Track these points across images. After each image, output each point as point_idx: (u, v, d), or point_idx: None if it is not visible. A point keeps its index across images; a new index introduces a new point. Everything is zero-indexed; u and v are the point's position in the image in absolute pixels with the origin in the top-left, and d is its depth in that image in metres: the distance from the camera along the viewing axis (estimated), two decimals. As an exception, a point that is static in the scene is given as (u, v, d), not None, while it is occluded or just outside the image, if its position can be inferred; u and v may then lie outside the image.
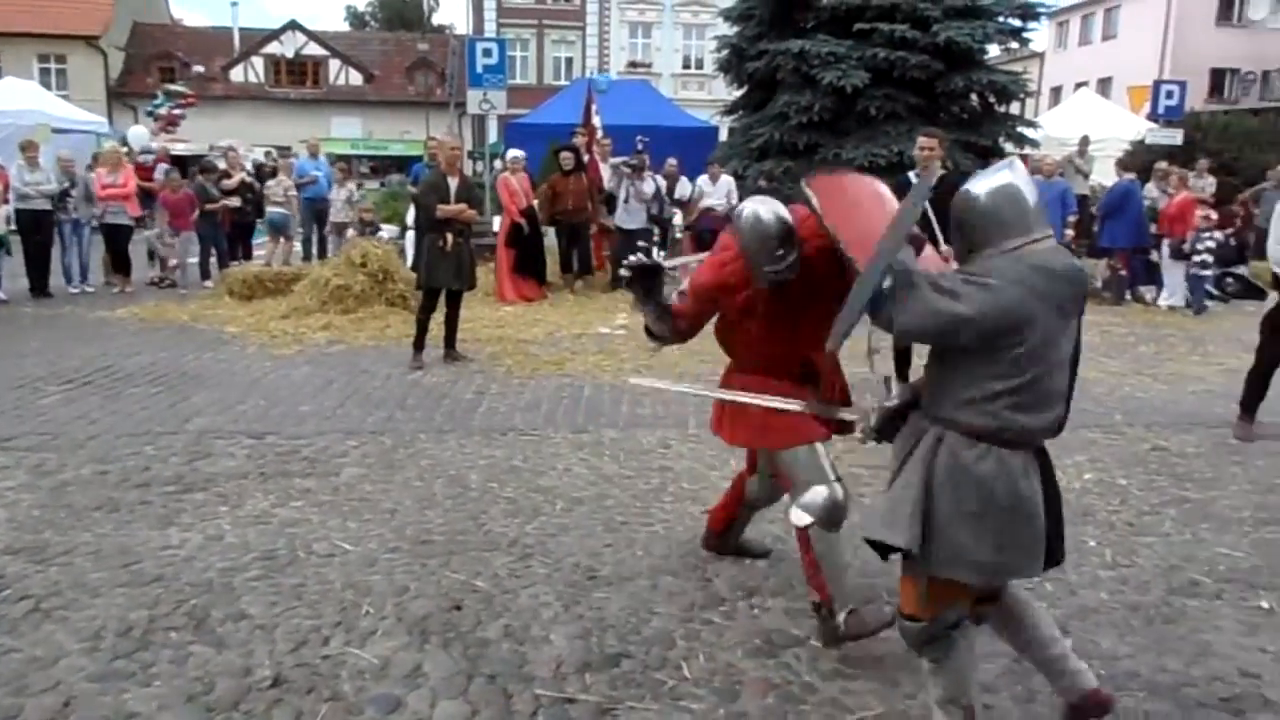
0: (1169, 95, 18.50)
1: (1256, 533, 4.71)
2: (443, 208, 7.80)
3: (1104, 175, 16.19)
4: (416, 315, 8.20)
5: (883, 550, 2.74)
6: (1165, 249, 12.31)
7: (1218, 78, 35.19)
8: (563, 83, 32.50)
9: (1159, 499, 5.18)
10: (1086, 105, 23.34)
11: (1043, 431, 2.59)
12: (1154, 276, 12.78)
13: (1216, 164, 16.40)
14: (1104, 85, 34.18)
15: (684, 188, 13.60)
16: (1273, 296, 6.84)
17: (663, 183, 13.17)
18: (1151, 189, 13.14)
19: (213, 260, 12.92)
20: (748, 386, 3.66)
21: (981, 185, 2.60)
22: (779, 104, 15.69)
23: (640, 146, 13.02)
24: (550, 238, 12.35)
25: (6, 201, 11.46)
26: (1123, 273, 12.61)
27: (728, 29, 17.77)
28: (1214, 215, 12.50)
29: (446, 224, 7.82)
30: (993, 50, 16.91)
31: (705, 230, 13.67)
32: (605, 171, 12.88)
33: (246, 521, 4.64)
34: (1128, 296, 12.57)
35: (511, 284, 11.49)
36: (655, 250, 3.76)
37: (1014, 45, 17.59)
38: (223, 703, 3.10)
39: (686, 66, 38.34)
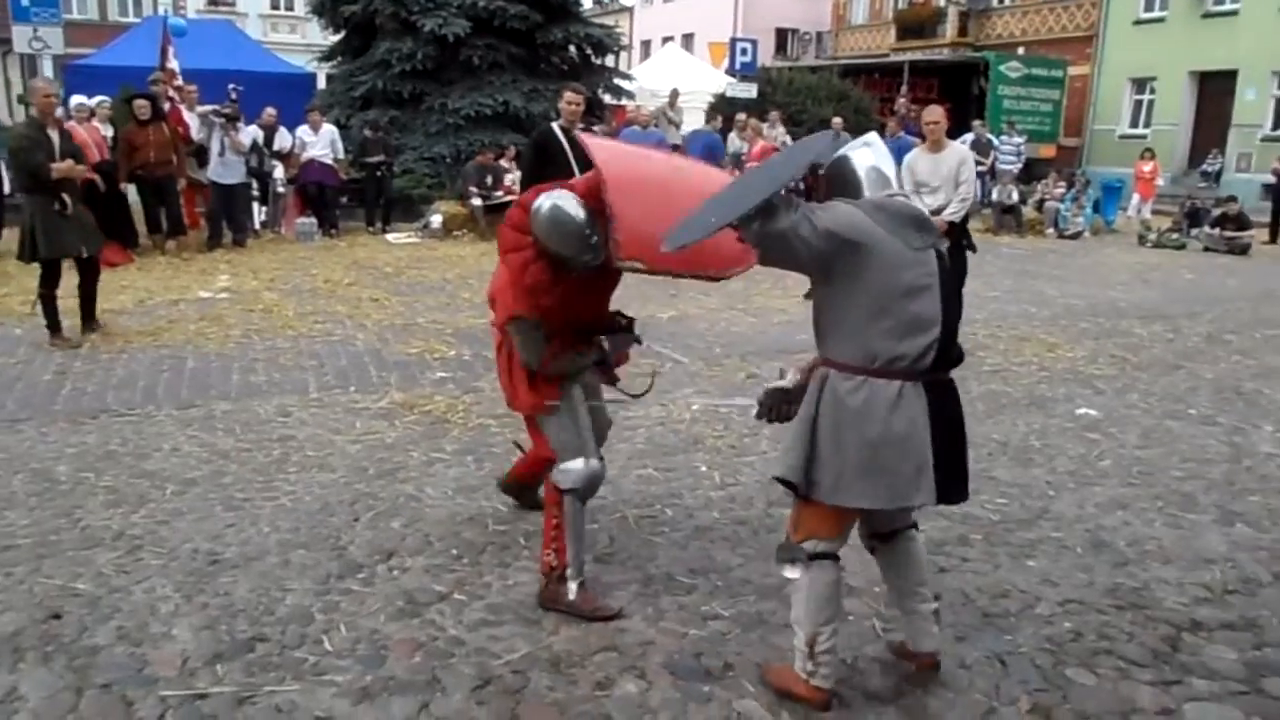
0: (744, 52, 20.27)
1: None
2: (56, 166, 6.81)
3: (694, 125, 17.46)
4: (39, 293, 7.07)
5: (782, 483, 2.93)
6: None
7: (782, 36, 39.13)
8: (131, 20, 29.13)
9: (755, 421, 5.75)
10: (674, 59, 24.98)
11: (916, 358, 2.72)
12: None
13: (785, 115, 18.29)
14: (688, 40, 36.73)
15: (284, 139, 12.80)
16: None
17: (260, 133, 12.30)
18: (734, 138, 14.41)
19: None
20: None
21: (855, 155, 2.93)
22: (380, 51, 15.22)
23: (234, 95, 12.02)
24: (133, 195, 11.08)
25: None
26: None
27: (318, -32, 16.86)
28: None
29: (60, 184, 6.86)
30: (586, 3, 17.52)
31: (310, 183, 13.03)
32: (192, 121, 11.76)
33: None
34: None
35: (89, 248, 10.20)
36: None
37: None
38: None
39: (275, 7, 35.91)
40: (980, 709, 2.98)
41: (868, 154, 2.99)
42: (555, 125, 6.99)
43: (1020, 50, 26.78)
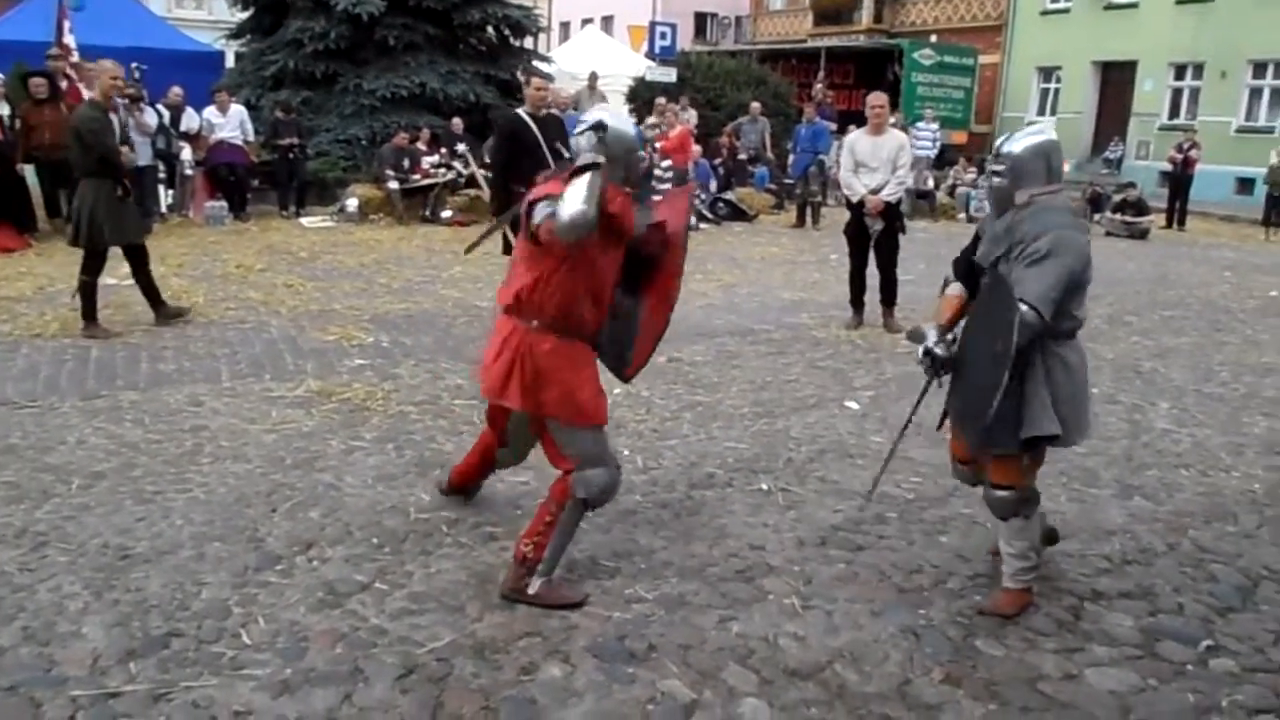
0: (663, 36, 20.28)
1: (754, 425, 5.49)
2: (125, 151, 6.77)
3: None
4: (83, 280, 6.85)
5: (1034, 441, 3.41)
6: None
7: (701, 21, 39.21)
8: (25, -8, 27.76)
9: (677, 405, 5.82)
10: (594, 42, 24.85)
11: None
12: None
13: (704, 100, 18.37)
14: (607, 23, 36.53)
15: (191, 119, 12.43)
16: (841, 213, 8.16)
17: (165, 114, 11.91)
18: (652, 121, 14.41)
19: None
20: (559, 350, 3.35)
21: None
22: (291, 30, 14.83)
23: (137, 74, 11.60)
24: (31, 177, 10.63)
25: None
26: None
27: (226, -55, 16.34)
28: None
29: (117, 168, 6.77)
30: (505, -16, 17.30)
31: (219, 165, 12.68)
32: (93, 100, 11.31)
33: None
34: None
35: (-16, 232, 9.78)
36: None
37: (523, -21, 18.15)
38: None
39: (180, -18, 34.60)
40: (895, 681, 3.07)
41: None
42: (522, 112, 7.00)
43: (933, 38, 27.30)
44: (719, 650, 3.20)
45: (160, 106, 11.94)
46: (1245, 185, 20.86)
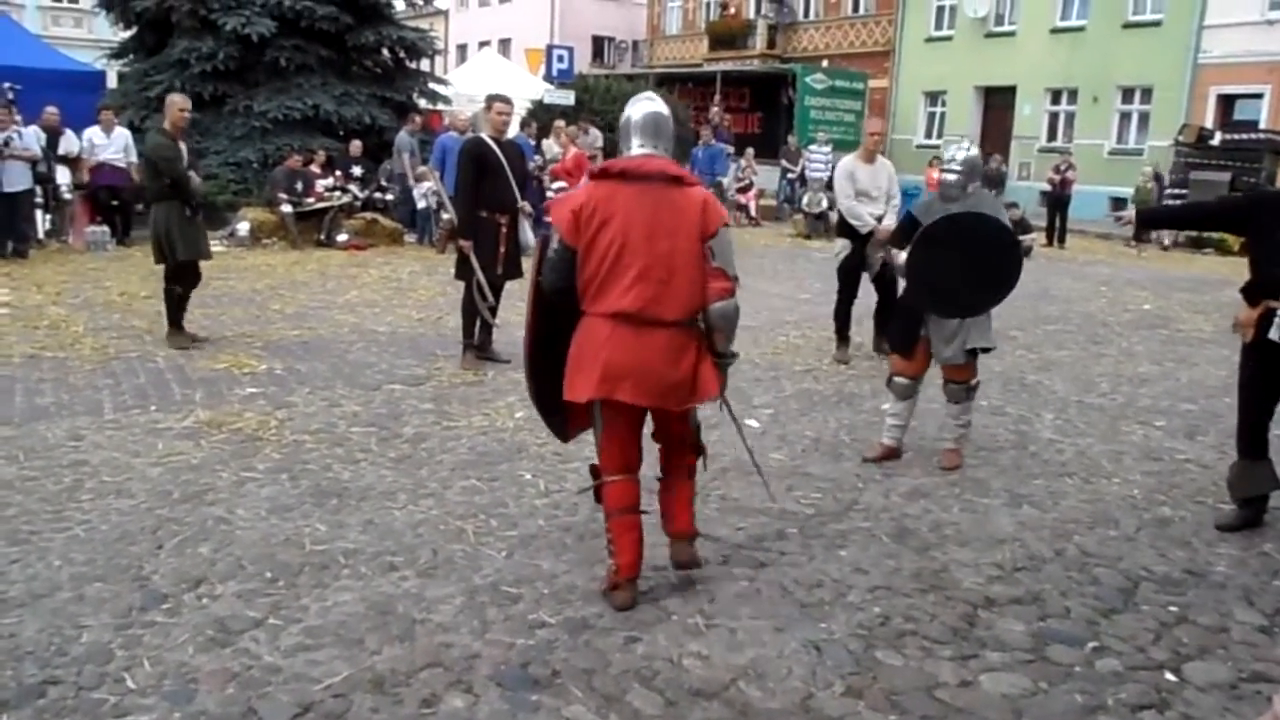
0: (560, 59, 20.31)
1: (655, 446, 5.49)
2: (194, 176, 7.32)
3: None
4: (171, 293, 7.47)
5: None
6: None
7: (598, 44, 39.50)
8: (-113, 8, 26.35)
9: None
10: (491, 65, 24.77)
11: None
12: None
13: (602, 123, 18.45)
14: (505, 46, 36.51)
15: (70, 142, 11.94)
16: (841, 243, 7.89)
17: (42, 136, 11.41)
18: (552, 145, 14.42)
19: None
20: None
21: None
22: (178, 50, 14.44)
23: (10, 94, 11.10)
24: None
25: None
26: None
27: (105, -41, 15.81)
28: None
29: (187, 192, 7.26)
30: (399, 6, 17.14)
31: (102, 188, 12.21)
32: (-38, 121, 10.79)
33: None
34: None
35: None
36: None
37: (419, 2, 18.01)
38: None
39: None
40: (798, 695, 3.10)
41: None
42: (484, 136, 7.05)
43: (825, 63, 28.04)
44: (624, 673, 3.19)
45: (36, 128, 11.43)
46: (1119, 204, 21.90)
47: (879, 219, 7.53)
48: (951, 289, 4.94)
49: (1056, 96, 24.95)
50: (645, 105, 3.68)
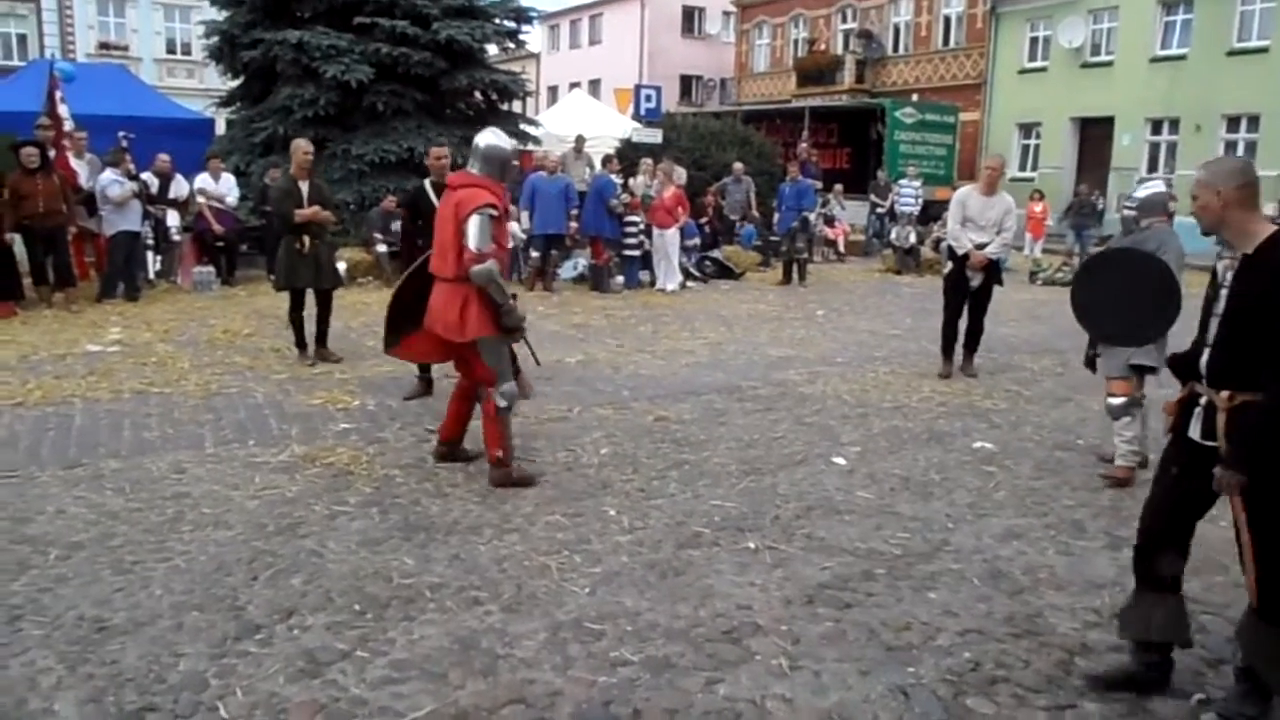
0: (648, 98, 20.57)
1: (741, 483, 5.46)
2: (299, 212, 8.00)
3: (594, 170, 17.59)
4: (289, 316, 8.36)
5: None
6: (664, 238, 13.57)
7: (686, 83, 39.89)
8: (15, 63, 28.15)
9: (664, 463, 5.80)
10: (581, 105, 25.17)
11: None
12: (647, 263, 14.06)
13: (689, 160, 18.58)
14: (594, 86, 37.13)
15: (180, 186, 12.50)
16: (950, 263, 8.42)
17: (155, 181, 11.99)
18: (641, 182, 14.54)
19: None
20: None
21: None
22: (281, 97, 15.01)
23: (124, 142, 11.71)
24: (19, 246, 10.64)
25: None
26: (596, 263, 13.69)
27: (215, 14, 16.59)
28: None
29: (303, 227, 8.01)
30: (492, 50, 17.57)
31: (204, 231, 12.75)
32: (81, 169, 11.41)
33: None
34: (620, 282, 13.58)
35: (-30, 301, 9.78)
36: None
37: (511, 45, 18.43)
38: None
39: (171, 51, 35.11)
40: (885, 744, 3.02)
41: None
42: (427, 183, 7.47)
43: (914, 97, 27.77)
44: (705, 714, 3.15)
45: (149, 174, 12.02)
46: (1226, 236, 21.10)
47: (981, 246, 8.02)
48: (1099, 316, 4.74)
49: (1157, 126, 24.24)
50: (487, 137, 5.34)
